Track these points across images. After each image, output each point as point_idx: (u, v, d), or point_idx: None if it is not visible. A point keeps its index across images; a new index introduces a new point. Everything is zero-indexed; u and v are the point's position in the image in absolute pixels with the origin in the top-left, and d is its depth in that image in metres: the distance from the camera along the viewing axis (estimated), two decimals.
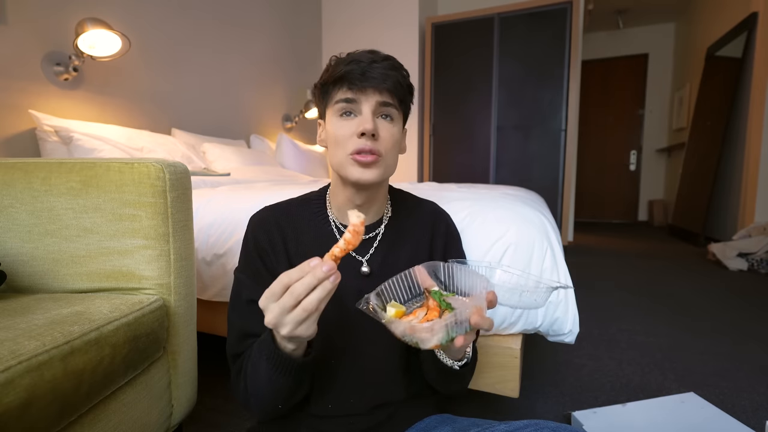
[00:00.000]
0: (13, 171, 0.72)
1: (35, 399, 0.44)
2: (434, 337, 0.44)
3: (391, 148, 0.58)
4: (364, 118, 0.55)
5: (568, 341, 0.87)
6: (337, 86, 0.56)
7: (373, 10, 3.56)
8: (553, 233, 0.93)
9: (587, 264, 2.94)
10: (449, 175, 3.59)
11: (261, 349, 0.50)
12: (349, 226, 0.45)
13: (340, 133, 0.56)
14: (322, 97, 0.59)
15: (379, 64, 0.55)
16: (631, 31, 5.33)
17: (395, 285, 0.54)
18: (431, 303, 0.50)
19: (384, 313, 0.46)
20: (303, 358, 0.50)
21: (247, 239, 0.63)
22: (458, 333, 0.44)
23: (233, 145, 2.46)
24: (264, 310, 0.43)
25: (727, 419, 0.98)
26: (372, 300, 0.49)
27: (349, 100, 0.55)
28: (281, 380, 0.50)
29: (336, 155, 0.58)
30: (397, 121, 0.59)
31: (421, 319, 0.47)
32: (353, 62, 0.55)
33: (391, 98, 0.56)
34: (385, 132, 0.57)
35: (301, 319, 0.41)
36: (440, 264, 0.54)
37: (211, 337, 1.24)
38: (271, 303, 0.42)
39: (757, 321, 1.78)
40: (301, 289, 0.41)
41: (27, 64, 1.54)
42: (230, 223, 1.08)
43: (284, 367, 0.49)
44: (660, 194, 5.42)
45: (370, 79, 0.54)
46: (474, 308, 0.44)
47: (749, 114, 3.22)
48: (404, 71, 0.59)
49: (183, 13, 2.24)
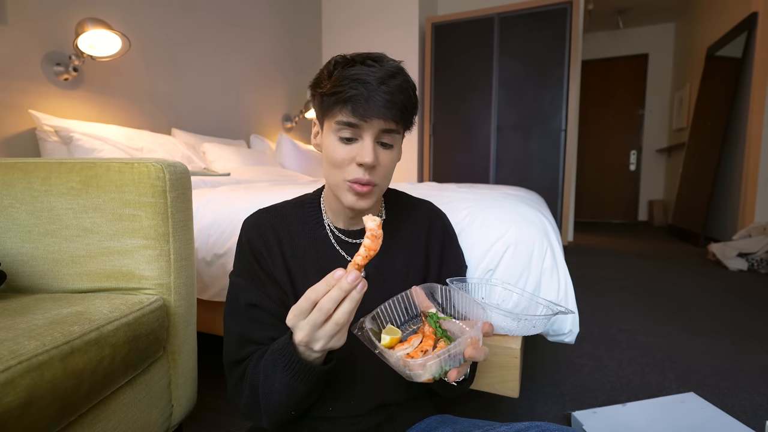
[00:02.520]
0: (13, 171, 0.72)
1: (35, 399, 0.44)
2: (426, 372, 0.43)
3: (388, 174, 0.57)
4: (365, 150, 0.52)
5: (568, 341, 0.87)
6: (340, 106, 0.52)
7: (373, 10, 3.56)
8: (553, 233, 0.93)
9: (587, 264, 2.94)
10: (449, 175, 3.59)
11: (276, 358, 0.49)
12: (367, 232, 0.45)
13: (338, 157, 0.54)
14: (321, 105, 0.55)
15: (387, 87, 0.50)
16: (631, 31, 5.33)
17: (392, 307, 0.53)
18: (427, 329, 0.49)
19: (377, 342, 0.46)
20: (324, 366, 0.49)
21: (241, 242, 0.62)
22: (452, 366, 0.44)
23: (233, 145, 2.46)
24: (294, 329, 0.43)
25: (727, 419, 0.98)
26: (367, 324, 0.49)
27: (351, 125, 0.52)
28: (300, 387, 0.48)
29: (332, 175, 0.56)
30: (397, 144, 0.57)
31: (416, 348, 0.46)
32: (360, 83, 0.50)
33: (395, 125, 0.54)
34: (384, 159, 0.55)
35: (333, 333, 0.42)
36: (438, 286, 0.53)
37: (211, 337, 1.24)
38: (300, 321, 0.42)
39: (757, 321, 1.78)
40: (329, 304, 0.41)
41: (27, 64, 1.54)
42: (230, 223, 1.08)
43: (305, 375, 0.47)
44: (660, 194, 5.42)
45: (376, 108, 0.50)
46: (469, 340, 0.43)
47: (749, 114, 3.22)
48: (412, 90, 0.54)
49: (183, 13, 2.24)
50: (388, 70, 0.51)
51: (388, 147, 0.55)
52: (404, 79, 0.53)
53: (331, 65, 0.54)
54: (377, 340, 0.47)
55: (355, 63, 0.52)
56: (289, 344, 0.47)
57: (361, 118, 0.51)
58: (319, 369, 0.48)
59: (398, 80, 0.52)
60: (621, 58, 5.45)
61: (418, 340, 0.48)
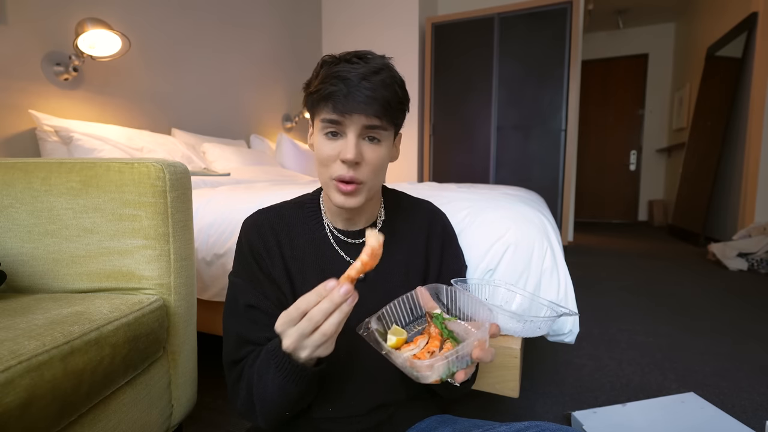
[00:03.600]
0: (13, 171, 0.72)
1: (35, 399, 0.44)
2: (434, 374, 0.43)
3: (376, 171, 0.56)
4: (348, 146, 0.52)
5: (568, 341, 0.87)
6: (322, 104, 0.52)
7: (373, 10, 3.56)
8: (553, 233, 0.93)
9: (587, 264, 2.94)
10: (449, 175, 3.59)
11: (269, 358, 0.49)
12: (366, 248, 0.44)
13: (324, 153, 0.54)
14: (310, 104, 0.56)
15: (369, 83, 0.50)
16: (631, 31, 5.33)
17: (397, 308, 0.53)
18: (433, 330, 0.49)
19: (384, 342, 0.46)
20: (315, 368, 0.49)
21: (241, 243, 0.62)
22: (459, 368, 0.44)
23: (233, 145, 2.46)
24: (282, 335, 0.44)
25: (727, 419, 0.98)
26: (373, 324, 0.49)
27: (334, 122, 0.52)
28: (292, 389, 0.49)
29: (321, 173, 0.57)
30: (385, 140, 0.56)
31: (422, 349, 0.46)
32: (340, 80, 0.50)
33: (378, 121, 0.52)
34: (370, 155, 0.54)
35: (320, 343, 0.43)
36: (443, 287, 0.53)
37: (211, 337, 1.24)
38: (289, 328, 0.43)
39: (757, 321, 1.78)
40: (318, 315, 0.42)
41: (27, 64, 1.54)
42: (230, 223, 1.08)
43: (296, 377, 0.48)
44: (660, 194, 5.42)
45: (356, 103, 0.50)
46: (477, 342, 0.43)
47: (749, 114, 3.22)
48: (397, 85, 0.54)
49: (183, 13, 2.24)
50: (372, 67, 0.52)
51: (375, 141, 0.55)
52: (389, 74, 0.53)
53: (320, 65, 0.55)
54: (383, 340, 0.47)
55: (341, 61, 0.53)
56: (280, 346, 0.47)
57: (341, 114, 0.51)
58: (310, 371, 0.48)
59: (382, 76, 0.52)
60: (621, 58, 5.45)
61: (425, 341, 0.48)
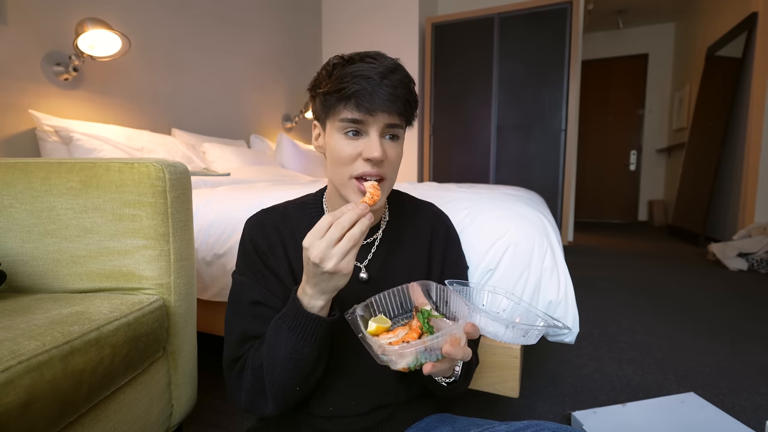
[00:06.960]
0: (13, 171, 0.72)
1: (35, 399, 0.44)
2: (402, 360, 0.45)
3: (396, 169, 0.58)
4: (372, 144, 0.52)
5: (568, 341, 0.87)
6: (343, 103, 0.52)
7: (373, 10, 3.55)
8: (553, 233, 0.93)
9: (587, 264, 2.94)
10: (449, 175, 3.59)
11: (281, 324, 0.51)
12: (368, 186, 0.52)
13: (344, 153, 0.54)
14: (323, 106, 0.55)
15: (389, 81, 0.51)
16: (631, 31, 5.33)
17: (387, 298, 0.54)
18: (414, 323, 0.50)
19: (362, 327, 0.48)
20: (328, 317, 0.50)
21: (244, 241, 0.62)
22: (427, 360, 0.45)
23: (233, 145, 2.46)
24: (308, 249, 0.45)
25: (727, 419, 0.98)
26: (359, 310, 0.51)
27: (357, 121, 0.52)
28: (306, 349, 0.50)
29: (337, 174, 0.56)
30: (402, 138, 0.57)
31: (400, 339, 0.48)
32: (362, 78, 0.51)
33: (399, 119, 0.54)
34: (391, 152, 0.55)
35: (346, 250, 0.44)
36: (433, 284, 0.54)
37: (211, 337, 1.24)
38: (316, 240, 0.45)
39: (757, 321, 1.78)
40: (346, 221, 0.45)
41: (27, 64, 1.54)
42: (230, 223, 1.08)
43: (310, 332, 0.49)
44: (660, 194, 5.42)
45: (380, 102, 0.51)
46: (449, 337, 0.44)
47: (749, 114, 3.22)
48: (413, 84, 0.56)
49: (183, 13, 2.24)
50: (387, 66, 0.52)
51: (395, 139, 0.56)
52: (404, 74, 0.54)
53: (330, 65, 0.55)
54: (365, 327, 0.49)
55: (354, 61, 0.53)
56: (294, 301, 0.50)
57: (367, 112, 0.51)
58: (325, 321, 0.49)
59: (398, 75, 0.53)
60: (621, 58, 5.45)
61: (404, 332, 0.49)
